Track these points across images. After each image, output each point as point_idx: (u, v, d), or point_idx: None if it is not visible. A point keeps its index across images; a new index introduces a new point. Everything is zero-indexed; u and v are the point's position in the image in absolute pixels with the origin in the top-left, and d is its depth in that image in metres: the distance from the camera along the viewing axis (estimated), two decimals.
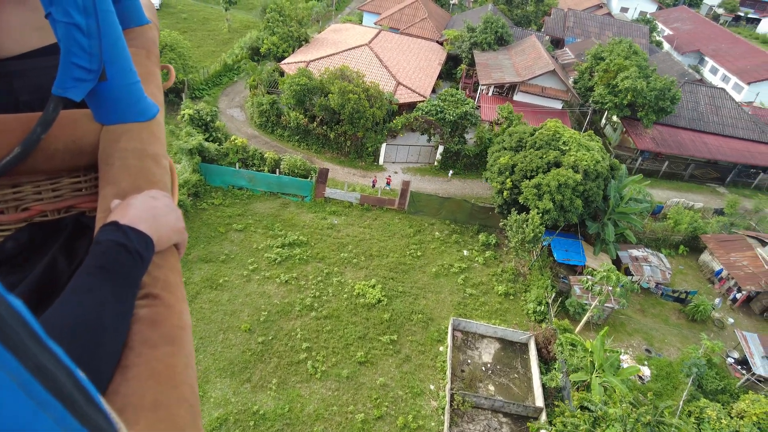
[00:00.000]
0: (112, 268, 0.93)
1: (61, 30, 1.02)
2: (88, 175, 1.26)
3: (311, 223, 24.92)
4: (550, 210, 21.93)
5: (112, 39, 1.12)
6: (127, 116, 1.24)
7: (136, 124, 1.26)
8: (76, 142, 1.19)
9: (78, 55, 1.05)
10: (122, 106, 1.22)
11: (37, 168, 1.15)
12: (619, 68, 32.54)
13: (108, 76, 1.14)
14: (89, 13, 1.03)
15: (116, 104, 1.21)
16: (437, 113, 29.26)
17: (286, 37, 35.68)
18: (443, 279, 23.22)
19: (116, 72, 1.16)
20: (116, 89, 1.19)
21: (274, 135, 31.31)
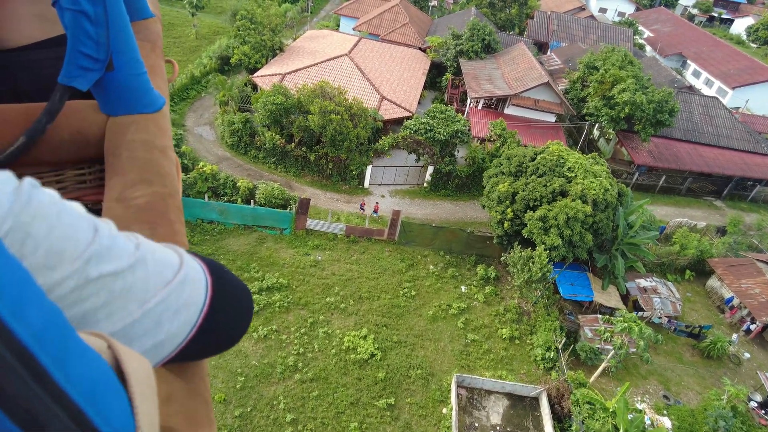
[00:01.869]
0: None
1: (69, 18, 1.00)
2: (92, 167, 1.21)
3: (292, 261, 22.28)
4: (558, 246, 19.86)
5: (120, 28, 1.09)
6: (135, 107, 1.21)
7: (143, 115, 1.24)
8: (82, 133, 1.18)
9: (85, 44, 1.03)
10: (129, 97, 1.20)
11: (41, 159, 1.12)
12: (615, 79, 30.79)
13: (115, 66, 1.12)
14: (97, 1, 1.01)
15: (123, 95, 1.19)
16: (426, 132, 26.92)
17: (258, 46, 32.77)
18: (442, 323, 20.92)
19: (124, 62, 1.14)
20: (123, 80, 1.17)
21: (247, 156, 28.46)
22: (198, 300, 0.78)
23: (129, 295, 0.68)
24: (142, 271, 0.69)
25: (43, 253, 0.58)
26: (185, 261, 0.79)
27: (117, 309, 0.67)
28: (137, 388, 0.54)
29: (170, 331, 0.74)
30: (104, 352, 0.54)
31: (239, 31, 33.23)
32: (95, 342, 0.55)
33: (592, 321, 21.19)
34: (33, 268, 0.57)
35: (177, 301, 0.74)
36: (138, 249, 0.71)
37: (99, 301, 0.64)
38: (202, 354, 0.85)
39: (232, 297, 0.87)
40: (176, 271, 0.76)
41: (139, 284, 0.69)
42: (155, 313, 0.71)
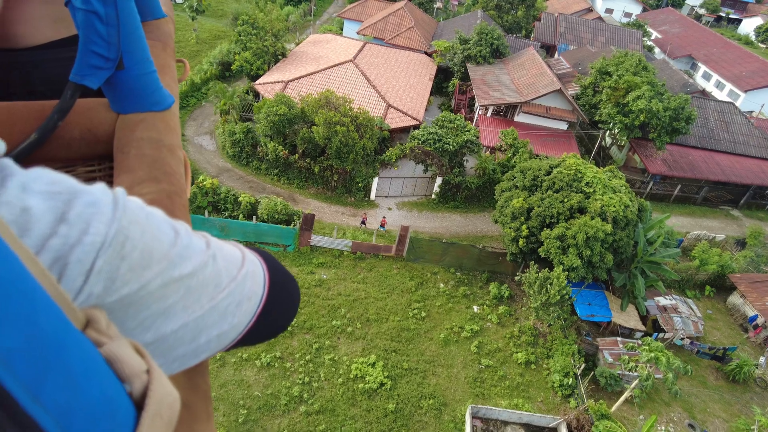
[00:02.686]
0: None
1: (80, 17, 1.02)
2: (102, 164, 1.23)
3: (296, 280, 21.23)
4: (577, 267, 18.81)
5: (131, 28, 1.12)
6: (144, 106, 1.23)
7: (152, 114, 1.25)
8: (92, 131, 1.20)
9: (96, 43, 1.05)
10: (139, 96, 1.21)
11: (53, 156, 1.14)
12: (630, 86, 29.70)
13: (125, 65, 1.14)
14: (108, 2, 1.03)
15: (133, 93, 1.20)
16: (435, 142, 25.89)
17: (260, 52, 31.77)
18: (454, 347, 19.90)
19: (134, 61, 1.15)
20: (133, 78, 1.18)
21: (249, 168, 27.46)
22: (258, 291, 0.83)
23: (202, 290, 0.72)
24: (213, 267, 0.75)
25: (138, 254, 0.63)
26: (246, 256, 0.84)
27: (191, 303, 0.71)
28: (150, 421, 0.53)
29: (233, 322, 0.78)
30: (138, 377, 0.54)
31: (240, 36, 32.23)
32: (132, 363, 0.54)
33: (612, 344, 20.15)
34: (132, 267, 0.62)
35: (241, 293, 0.79)
36: (209, 247, 0.76)
37: (177, 297, 0.69)
38: (255, 341, 0.88)
39: (285, 287, 0.92)
40: (240, 267, 0.80)
41: (211, 280, 0.74)
42: (222, 306, 0.76)
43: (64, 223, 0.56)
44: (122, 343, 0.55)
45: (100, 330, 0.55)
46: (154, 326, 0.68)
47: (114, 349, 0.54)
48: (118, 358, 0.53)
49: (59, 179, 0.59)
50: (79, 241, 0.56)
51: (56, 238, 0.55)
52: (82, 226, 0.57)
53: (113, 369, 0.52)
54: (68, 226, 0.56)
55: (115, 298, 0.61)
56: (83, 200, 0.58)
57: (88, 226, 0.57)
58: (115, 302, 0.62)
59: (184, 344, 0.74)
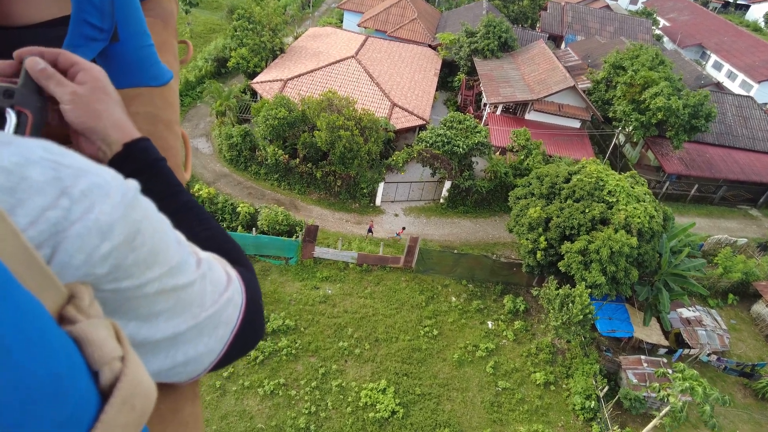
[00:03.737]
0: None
1: None
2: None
3: (299, 297, 20.04)
4: (601, 285, 17.58)
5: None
6: (140, 80, 1.21)
7: (149, 88, 1.23)
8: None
9: (89, 12, 1.03)
10: (135, 70, 1.19)
11: (45, 132, 1.05)
12: (646, 82, 28.21)
13: (120, 37, 1.11)
14: None
15: (129, 67, 1.17)
16: (444, 145, 24.48)
17: (257, 48, 30.17)
18: (469, 368, 18.74)
19: (129, 33, 1.13)
20: (129, 51, 1.16)
21: (248, 173, 26.07)
22: (233, 318, 0.84)
23: (187, 306, 0.74)
24: (200, 286, 0.76)
25: (147, 251, 0.63)
26: (231, 281, 0.86)
27: (174, 315, 0.72)
28: (116, 410, 0.51)
29: (208, 345, 0.79)
30: (108, 363, 0.52)
31: (236, 32, 30.59)
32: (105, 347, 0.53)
33: (635, 363, 19.00)
34: (137, 262, 0.62)
35: (219, 318, 0.80)
36: (200, 265, 0.77)
37: (166, 306, 0.71)
38: (218, 367, 0.87)
39: (255, 320, 0.91)
40: (223, 291, 0.82)
41: (196, 298, 0.76)
42: (202, 325, 0.77)
43: (66, 197, 0.55)
44: (99, 324, 0.53)
45: (79, 307, 0.54)
46: (135, 329, 0.68)
47: (85, 329, 0.51)
48: (88, 339, 0.51)
49: (67, 154, 0.59)
50: (80, 218, 0.55)
51: (55, 210, 0.54)
52: (86, 204, 0.56)
53: (82, 351, 0.50)
54: (70, 200, 0.55)
55: (112, 288, 0.61)
56: (90, 179, 0.58)
57: (93, 205, 0.57)
58: (110, 293, 0.62)
59: (160, 357, 0.74)
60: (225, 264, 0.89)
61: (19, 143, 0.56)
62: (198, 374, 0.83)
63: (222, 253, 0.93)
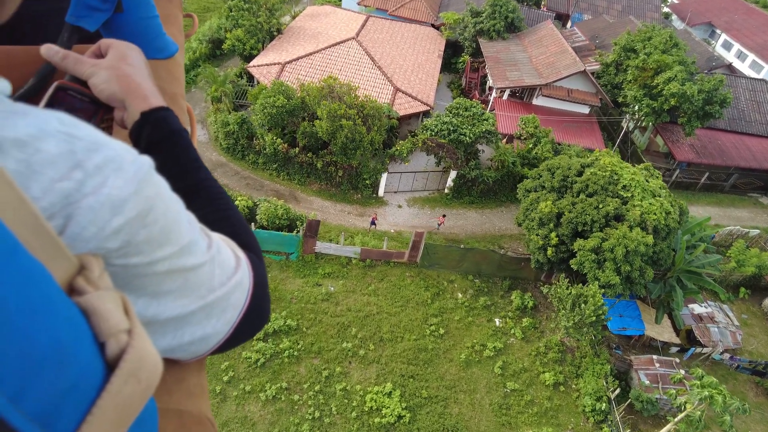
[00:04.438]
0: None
1: None
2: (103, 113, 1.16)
3: (301, 294, 19.36)
4: (615, 285, 16.90)
5: None
6: (145, 52, 1.12)
7: (154, 61, 1.19)
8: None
9: None
10: (139, 41, 1.12)
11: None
12: (659, 66, 27.06)
13: (124, 7, 1.11)
14: None
15: (133, 39, 1.10)
16: (450, 133, 23.50)
17: (253, 29, 28.80)
18: (476, 368, 18.21)
19: (133, 3, 1.12)
20: (133, 22, 1.15)
21: (245, 162, 25.09)
22: (241, 302, 0.84)
23: (196, 287, 0.75)
24: (210, 268, 0.77)
25: (158, 229, 0.64)
26: (240, 264, 0.86)
27: (183, 296, 0.73)
28: (122, 381, 0.51)
29: (215, 327, 0.80)
30: (115, 335, 0.53)
31: (231, 12, 29.16)
32: (112, 319, 0.53)
33: (647, 363, 18.50)
34: (148, 239, 0.62)
35: (227, 301, 0.81)
36: (210, 247, 0.77)
37: (174, 286, 0.71)
38: (221, 350, 0.88)
39: (261, 305, 0.91)
40: (232, 274, 0.82)
41: (206, 280, 0.76)
42: (209, 307, 0.78)
43: (79, 169, 0.55)
44: (107, 296, 0.54)
45: (89, 278, 0.54)
46: (144, 306, 0.69)
47: (93, 300, 0.52)
48: (95, 310, 0.52)
49: (82, 126, 0.59)
50: (94, 192, 0.56)
51: (68, 182, 0.54)
52: (99, 178, 0.56)
53: (89, 321, 0.51)
54: (84, 173, 0.56)
55: (122, 263, 0.62)
56: (104, 153, 0.58)
57: (106, 179, 0.57)
58: (119, 268, 0.62)
59: (167, 336, 0.75)
60: (235, 247, 0.88)
61: (36, 114, 0.56)
62: (202, 354, 0.83)
63: (233, 236, 0.91)
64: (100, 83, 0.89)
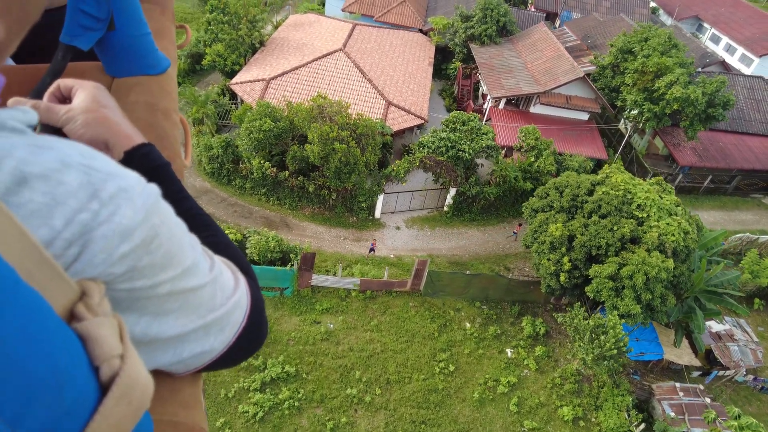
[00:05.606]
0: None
1: None
2: None
3: (298, 335, 17.98)
4: (636, 314, 15.81)
5: None
6: (138, 69, 1.21)
7: (147, 77, 1.22)
8: None
9: (85, 2, 1.03)
10: (132, 58, 1.18)
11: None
12: (660, 69, 26.10)
13: (117, 26, 1.11)
14: None
15: (126, 56, 1.17)
16: (448, 150, 22.25)
17: (234, 43, 27.23)
18: (490, 407, 17.02)
19: (125, 21, 1.13)
20: (126, 40, 1.15)
21: (232, 187, 23.58)
22: (238, 321, 0.86)
23: (197, 307, 0.77)
24: (212, 289, 0.79)
25: (162, 254, 0.66)
26: (239, 284, 0.89)
27: (183, 315, 0.76)
28: (113, 403, 0.54)
29: (213, 345, 0.82)
30: (108, 360, 0.55)
31: (210, 25, 27.54)
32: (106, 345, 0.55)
33: (670, 392, 17.48)
34: (152, 264, 0.65)
35: (226, 321, 0.83)
36: (212, 269, 0.80)
37: (175, 306, 0.74)
38: (218, 367, 0.89)
39: (258, 325, 0.93)
40: (231, 294, 0.85)
41: (206, 300, 0.79)
42: (208, 327, 0.80)
43: (96, 200, 0.58)
44: (104, 323, 0.56)
45: (89, 305, 0.56)
46: (147, 325, 0.71)
47: (91, 327, 0.55)
48: (92, 336, 0.54)
49: (97, 157, 0.62)
50: (107, 220, 0.58)
51: (86, 213, 0.57)
52: (112, 207, 0.59)
53: (86, 347, 0.53)
54: (100, 203, 0.58)
55: (126, 287, 0.64)
56: (117, 183, 0.61)
57: (118, 208, 0.60)
58: (124, 291, 0.65)
59: (168, 353, 0.77)
60: (233, 268, 0.90)
61: (60, 148, 0.59)
62: (199, 366, 0.85)
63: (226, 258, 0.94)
64: (78, 128, 0.88)
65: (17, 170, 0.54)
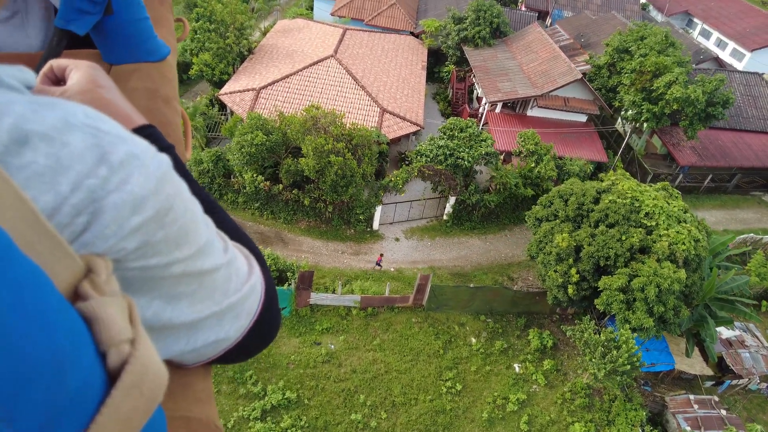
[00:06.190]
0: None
1: None
2: None
3: (298, 357, 17.24)
4: (649, 328, 15.27)
5: None
6: (137, 55, 1.17)
7: (146, 64, 1.19)
8: None
9: None
10: (131, 44, 1.15)
11: None
12: (658, 69, 25.63)
13: (114, 9, 1.08)
14: None
15: (124, 41, 1.13)
16: (446, 158, 21.61)
17: (221, 53, 26.39)
18: (500, 427, 16.40)
19: (123, 5, 1.09)
20: (123, 25, 1.12)
21: (224, 202, 22.77)
22: (253, 309, 0.81)
23: (211, 292, 0.72)
24: (227, 272, 0.74)
25: (176, 230, 0.61)
26: (253, 269, 0.84)
27: (198, 300, 0.71)
28: (124, 393, 0.49)
29: (228, 333, 0.77)
30: (116, 345, 0.50)
31: (196, 34, 26.67)
32: (114, 328, 0.50)
33: (684, 405, 16.98)
34: (166, 239, 0.60)
35: (241, 307, 0.79)
36: (227, 251, 0.75)
37: (189, 289, 0.68)
38: (231, 360, 0.85)
39: (272, 313, 0.89)
40: (246, 280, 0.80)
41: (221, 285, 0.74)
42: (223, 313, 0.75)
43: (104, 164, 0.54)
44: (111, 303, 0.51)
45: (95, 282, 0.52)
46: (159, 309, 0.66)
47: (97, 307, 0.50)
48: (98, 317, 0.49)
49: (106, 120, 0.58)
50: (117, 188, 0.54)
51: (94, 179, 0.53)
52: (123, 174, 0.55)
53: (91, 330, 0.49)
54: (109, 169, 0.54)
55: (138, 265, 0.59)
56: (128, 148, 0.56)
57: (130, 176, 0.55)
58: (136, 270, 0.60)
59: (181, 341, 0.72)
60: (245, 252, 0.86)
61: (63, 107, 0.55)
62: (212, 356, 0.80)
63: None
64: None
65: (17, 128, 0.49)
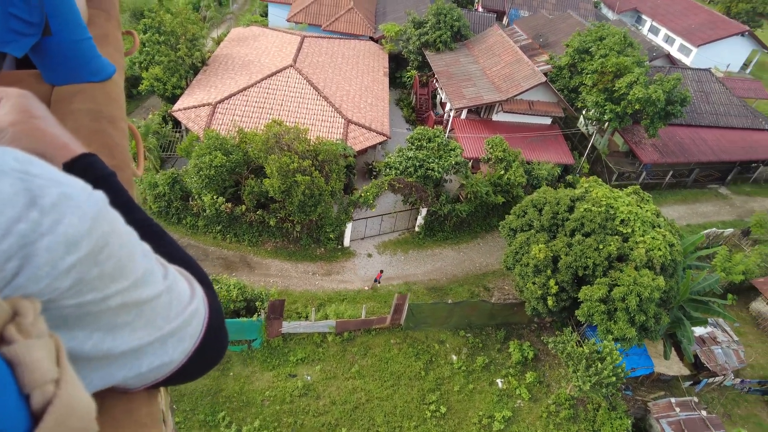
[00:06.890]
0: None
1: None
2: None
3: (273, 392, 16.21)
4: (631, 338, 15.11)
5: None
6: (79, 76, 1.14)
7: (90, 84, 1.16)
8: None
9: (14, 4, 0.96)
10: (73, 65, 1.12)
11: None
12: (619, 69, 25.89)
13: (53, 30, 1.05)
14: None
15: (66, 62, 1.11)
16: (416, 169, 21.00)
17: (174, 66, 24.85)
18: None
19: (62, 26, 1.06)
20: (64, 45, 1.09)
21: (182, 226, 21.38)
22: (196, 332, 0.81)
23: (153, 318, 0.73)
24: (167, 298, 0.75)
25: (112, 265, 0.62)
26: (195, 293, 0.83)
27: (139, 328, 0.71)
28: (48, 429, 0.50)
29: (172, 356, 0.78)
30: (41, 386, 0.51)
31: (145, 47, 25.01)
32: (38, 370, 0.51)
33: (667, 409, 17.01)
34: (101, 275, 0.61)
35: (184, 331, 0.79)
36: (166, 278, 0.76)
37: (129, 318, 0.69)
38: (178, 381, 0.84)
39: (218, 335, 0.88)
40: (187, 303, 0.80)
41: (162, 310, 0.74)
42: (165, 338, 0.76)
43: (35, 208, 0.54)
44: (36, 346, 0.52)
45: (21, 325, 0.52)
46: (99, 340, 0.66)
47: (21, 350, 0.50)
48: (21, 361, 0.50)
49: (36, 163, 0.57)
50: (50, 231, 0.54)
51: (24, 223, 0.53)
52: (55, 216, 0.55)
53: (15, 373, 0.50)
54: (40, 212, 0.54)
55: (74, 302, 0.60)
56: (60, 190, 0.56)
57: (62, 217, 0.55)
58: (73, 307, 0.60)
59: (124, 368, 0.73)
60: (188, 276, 0.86)
61: None
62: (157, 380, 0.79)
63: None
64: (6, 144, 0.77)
65: None
